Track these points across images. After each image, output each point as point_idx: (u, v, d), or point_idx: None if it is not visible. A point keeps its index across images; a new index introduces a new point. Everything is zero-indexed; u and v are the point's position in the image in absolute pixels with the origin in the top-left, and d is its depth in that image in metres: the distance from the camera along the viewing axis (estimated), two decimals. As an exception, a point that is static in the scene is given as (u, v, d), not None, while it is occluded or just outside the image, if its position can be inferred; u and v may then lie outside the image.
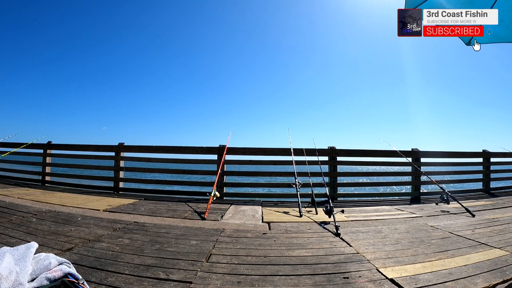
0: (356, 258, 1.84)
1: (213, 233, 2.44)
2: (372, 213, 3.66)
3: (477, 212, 3.51)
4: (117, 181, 5.21)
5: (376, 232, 2.58)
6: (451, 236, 2.39)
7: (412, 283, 1.45)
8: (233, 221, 3.02)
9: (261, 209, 3.71)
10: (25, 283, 0.84)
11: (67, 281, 0.91)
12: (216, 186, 4.03)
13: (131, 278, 1.47)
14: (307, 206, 3.96)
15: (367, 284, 1.45)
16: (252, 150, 5.06)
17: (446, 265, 1.70)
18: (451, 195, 3.97)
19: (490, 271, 1.60)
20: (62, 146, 5.83)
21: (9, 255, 0.92)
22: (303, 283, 1.47)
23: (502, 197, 5.11)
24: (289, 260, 1.82)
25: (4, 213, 2.80)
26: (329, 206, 2.91)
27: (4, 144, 5.88)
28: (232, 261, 1.78)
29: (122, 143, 5.32)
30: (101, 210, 3.30)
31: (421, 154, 5.34)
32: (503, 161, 6.38)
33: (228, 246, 2.08)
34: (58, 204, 3.49)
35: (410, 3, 2.10)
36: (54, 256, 1.01)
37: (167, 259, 1.77)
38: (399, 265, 1.71)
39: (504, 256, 1.85)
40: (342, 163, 5.17)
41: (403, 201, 4.77)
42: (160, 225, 2.71)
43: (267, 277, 1.54)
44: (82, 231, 2.34)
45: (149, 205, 3.77)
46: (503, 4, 1.99)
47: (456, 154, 5.96)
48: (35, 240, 1.81)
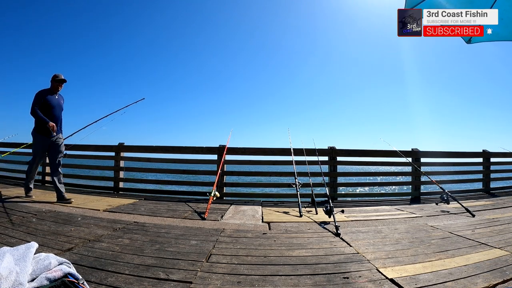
0: (356, 258, 1.84)
1: (213, 233, 2.44)
2: (372, 213, 3.66)
3: (477, 212, 3.51)
4: (117, 181, 5.21)
5: (376, 232, 2.58)
6: (451, 236, 2.39)
7: (412, 283, 1.45)
8: (233, 221, 3.02)
9: (261, 209, 3.71)
10: (25, 283, 0.84)
11: (67, 281, 0.91)
12: (216, 186, 4.03)
13: (131, 278, 1.47)
14: (307, 206, 3.96)
15: (367, 284, 1.45)
16: (252, 150, 5.06)
17: (446, 265, 1.70)
18: (451, 195, 3.97)
19: (490, 271, 1.60)
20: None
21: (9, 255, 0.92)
22: (303, 283, 1.47)
23: (502, 197, 5.11)
24: (289, 260, 1.82)
25: (4, 213, 2.80)
26: (329, 206, 2.91)
27: (4, 144, 5.88)
28: (232, 261, 1.78)
29: (122, 143, 5.32)
30: (101, 210, 3.30)
31: (421, 154, 5.34)
32: (503, 161, 6.39)
33: (228, 246, 2.08)
34: (58, 204, 3.49)
35: (410, 3, 2.10)
36: (54, 256, 1.01)
37: (167, 259, 1.77)
38: (399, 265, 1.71)
39: (504, 256, 1.85)
40: (342, 163, 5.17)
41: (403, 201, 4.77)
42: (160, 225, 2.71)
43: (267, 277, 1.54)
44: (82, 231, 2.34)
45: (149, 205, 3.76)
46: (503, 3, 1.99)
47: (456, 154, 5.96)
48: (35, 240, 1.80)
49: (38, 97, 3.58)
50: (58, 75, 3.69)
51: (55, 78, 3.68)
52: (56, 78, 3.67)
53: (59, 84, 3.70)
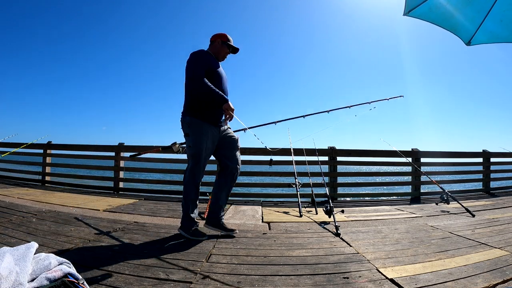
0: (356, 258, 1.84)
1: (213, 233, 2.44)
2: (372, 213, 3.66)
3: (477, 212, 3.51)
4: (117, 181, 5.21)
5: (376, 232, 2.58)
6: (451, 236, 2.39)
7: (412, 283, 1.45)
8: (233, 221, 3.02)
9: (261, 209, 3.71)
10: (25, 283, 0.84)
11: (67, 281, 0.91)
12: (216, 186, 4.02)
13: (131, 278, 1.47)
14: (307, 206, 3.96)
15: (367, 284, 1.45)
16: (252, 150, 5.06)
17: (446, 265, 1.70)
18: (451, 195, 3.97)
19: (490, 271, 1.60)
20: (62, 146, 5.83)
21: (9, 255, 0.92)
22: (303, 283, 1.47)
23: (502, 197, 5.11)
24: (289, 260, 1.82)
25: (4, 213, 2.80)
26: (329, 206, 2.91)
27: (4, 144, 5.88)
28: (232, 261, 1.78)
29: (122, 143, 5.32)
30: (101, 210, 3.30)
31: (421, 154, 5.34)
32: (503, 161, 6.39)
33: (228, 246, 2.08)
34: (58, 204, 3.48)
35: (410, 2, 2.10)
36: (54, 256, 1.01)
37: (167, 259, 1.77)
38: (399, 265, 1.71)
39: (504, 256, 1.85)
40: (342, 163, 5.17)
41: (403, 201, 4.77)
42: (160, 225, 2.71)
43: (267, 277, 1.54)
44: (82, 231, 2.34)
45: (149, 205, 3.77)
46: (503, 4, 1.98)
47: (456, 154, 5.96)
48: (35, 240, 1.81)
49: (203, 59, 2.23)
50: (230, 38, 2.43)
51: (227, 41, 2.40)
52: (228, 40, 2.41)
53: (227, 52, 2.44)
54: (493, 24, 2.11)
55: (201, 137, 2.19)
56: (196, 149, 2.20)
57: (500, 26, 2.10)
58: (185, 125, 2.23)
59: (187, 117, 2.21)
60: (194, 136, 2.20)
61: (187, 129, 2.22)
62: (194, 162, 2.24)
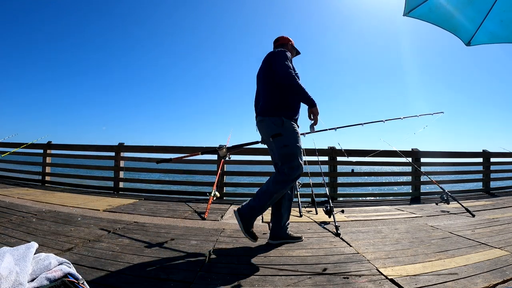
0: (356, 258, 1.84)
1: (213, 233, 2.44)
2: (372, 213, 3.66)
3: (477, 212, 3.51)
4: (117, 181, 5.22)
5: (376, 232, 2.58)
6: (451, 236, 2.39)
7: (412, 283, 1.45)
8: (233, 221, 3.02)
9: (261, 209, 3.71)
10: (25, 283, 0.84)
11: (67, 281, 0.91)
12: (216, 186, 4.03)
13: (131, 278, 1.47)
14: (307, 206, 3.96)
15: (367, 284, 1.45)
16: (252, 150, 5.06)
17: (446, 265, 1.70)
18: (451, 195, 3.97)
19: (490, 271, 1.60)
20: (62, 146, 5.83)
21: (9, 255, 0.92)
22: (303, 283, 1.47)
23: (502, 197, 5.11)
24: (289, 260, 1.82)
25: (4, 213, 2.80)
26: (329, 206, 2.91)
27: (4, 144, 5.88)
28: (232, 261, 1.78)
29: (122, 143, 5.33)
30: (101, 210, 3.30)
31: (421, 154, 5.34)
32: (503, 161, 6.39)
33: (228, 246, 2.08)
34: (58, 204, 3.49)
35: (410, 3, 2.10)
36: (54, 256, 1.01)
37: (167, 259, 1.77)
38: (399, 265, 1.71)
39: (504, 256, 1.85)
40: (342, 163, 5.17)
41: (403, 201, 4.77)
42: (160, 225, 2.71)
43: (267, 277, 1.54)
44: (82, 231, 2.34)
45: (149, 205, 3.77)
46: (503, 4, 1.98)
47: (456, 154, 5.96)
48: (35, 240, 1.81)
49: (290, 58, 2.17)
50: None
51: (293, 45, 2.43)
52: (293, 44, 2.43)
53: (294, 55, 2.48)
54: (493, 24, 2.11)
55: (296, 134, 2.13)
56: (294, 147, 2.10)
57: (500, 26, 2.10)
58: (275, 125, 2.08)
59: (276, 118, 2.08)
60: (290, 134, 2.09)
61: (279, 129, 2.08)
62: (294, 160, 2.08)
